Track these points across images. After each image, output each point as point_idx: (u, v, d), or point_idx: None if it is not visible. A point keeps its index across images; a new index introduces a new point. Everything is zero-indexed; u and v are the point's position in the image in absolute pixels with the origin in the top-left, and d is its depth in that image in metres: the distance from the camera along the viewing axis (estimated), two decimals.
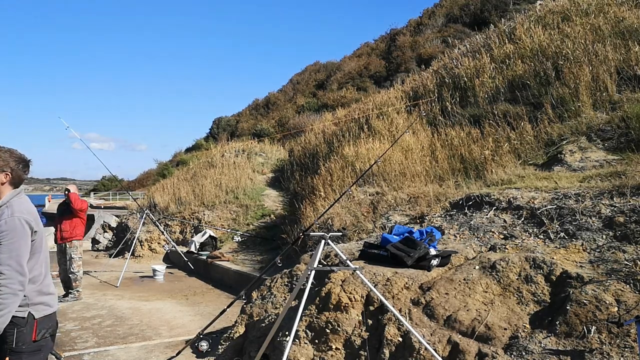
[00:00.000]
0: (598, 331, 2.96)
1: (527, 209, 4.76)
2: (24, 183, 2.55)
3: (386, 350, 3.41)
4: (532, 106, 7.66)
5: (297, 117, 23.79)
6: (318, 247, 3.39)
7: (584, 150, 6.05)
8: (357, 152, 9.05)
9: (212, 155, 17.27)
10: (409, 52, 26.23)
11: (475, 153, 7.21)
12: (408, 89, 11.59)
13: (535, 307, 3.41)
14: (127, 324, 6.19)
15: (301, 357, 3.70)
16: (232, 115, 37.45)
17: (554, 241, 4.16)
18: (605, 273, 3.43)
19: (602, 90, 6.95)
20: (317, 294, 3.95)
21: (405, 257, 4.12)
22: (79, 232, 7.45)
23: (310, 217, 7.77)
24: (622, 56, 7.30)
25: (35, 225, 2.41)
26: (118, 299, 7.59)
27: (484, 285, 3.67)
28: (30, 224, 2.37)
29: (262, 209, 12.46)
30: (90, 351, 5.12)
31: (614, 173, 4.99)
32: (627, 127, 5.92)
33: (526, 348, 3.02)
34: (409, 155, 7.94)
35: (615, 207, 4.20)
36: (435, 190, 6.29)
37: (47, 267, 2.56)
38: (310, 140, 13.59)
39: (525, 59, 8.73)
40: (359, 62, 30.39)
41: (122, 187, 33.78)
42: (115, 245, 13.07)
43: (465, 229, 4.96)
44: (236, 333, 4.75)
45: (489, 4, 24.10)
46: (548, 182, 5.32)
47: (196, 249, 10.67)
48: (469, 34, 19.04)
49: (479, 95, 8.78)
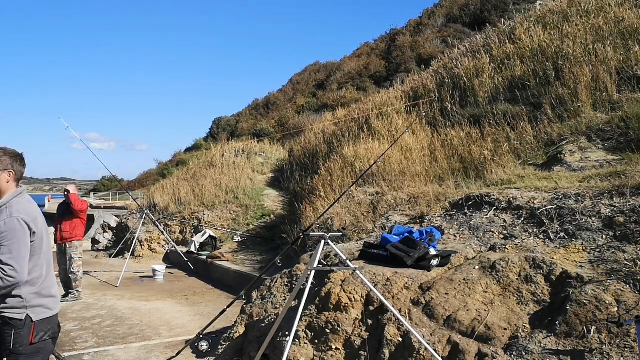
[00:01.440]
0: (598, 331, 2.96)
1: (527, 209, 4.76)
2: (25, 183, 2.57)
3: (386, 351, 3.41)
4: (532, 106, 7.66)
5: (297, 117, 23.81)
6: (318, 247, 3.39)
7: (583, 150, 6.06)
8: (356, 152, 9.04)
9: (212, 155, 17.26)
10: (409, 52, 26.25)
11: (475, 153, 7.21)
12: (408, 89, 11.58)
13: (535, 307, 3.41)
14: (127, 324, 6.19)
15: (301, 357, 3.70)
16: (232, 115, 37.49)
17: (554, 241, 4.16)
18: (605, 273, 3.43)
19: (602, 90, 6.95)
20: (317, 294, 3.95)
21: (405, 257, 4.12)
22: (79, 232, 7.46)
23: (310, 217, 7.76)
24: (622, 56, 7.30)
25: (34, 226, 2.41)
26: (118, 299, 7.59)
27: (484, 285, 3.67)
28: (29, 224, 2.37)
29: (262, 209, 12.46)
30: (90, 351, 5.12)
31: (614, 173, 4.99)
32: (627, 127, 5.92)
33: (526, 348, 3.02)
34: (408, 155, 7.94)
35: (615, 207, 4.20)
36: (435, 190, 6.29)
37: (48, 269, 2.55)
38: (310, 140, 13.57)
39: (525, 59, 8.72)
40: (359, 62, 30.41)
41: (122, 187, 33.78)
42: (115, 245, 13.07)
43: (465, 229, 4.96)
44: (236, 333, 4.75)
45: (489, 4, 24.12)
46: (548, 182, 5.32)
47: (196, 249, 10.67)
48: (468, 34, 19.04)
49: (479, 95, 8.78)
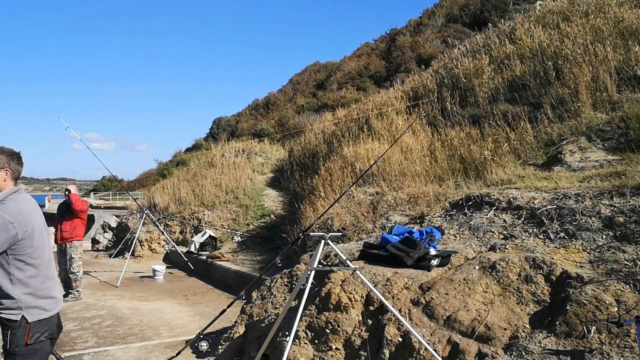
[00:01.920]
0: (598, 331, 2.96)
1: (527, 209, 4.76)
2: (25, 183, 2.54)
3: (386, 351, 3.41)
4: (532, 106, 7.66)
5: (297, 117, 23.80)
6: (318, 247, 3.39)
7: (583, 151, 6.06)
8: (356, 152, 9.05)
9: (212, 155, 17.26)
10: (409, 52, 26.24)
11: (475, 153, 7.21)
12: (408, 89, 11.58)
13: (535, 307, 3.41)
14: (127, 324, 6.19)
15: (301, 357, 3.70)
16: (232, 115, 37.47)
17: (554, 241, 4.16)
18: (605, 273, 3.43)
19: (602, 90, 6.96)
20: (317, 294, 3.94)
21: (405, 257, 4.12)
22: (79, 232, 7.46)
23: (310, 217, 7.76)
24: (622, 56, 7.30)
25: (19, 227, 2.34)
26: (118, 299, 7.59)
27: (484, 286, 3.67)
28: (13, 224, 2.32)
29: (262, 209, 12.46)
30: (90, 351, 5.12)
31: (614, 173, 4.99)
32: (627, 127, 5.92)
33: (526, 348, 3.02)
34: (408, 155, 7.94)
35: (615, 207, 4.20)
36: (435, 190, 6.29)
37: (47, 269, 2.51)
38: (310, 140, 13.57)
39: (525, 59, 8.73)
40: (359, 62, 30.40)
41: (122, 187, 33.78)
42: (115, 245, 13.07)
43: (465, 229, 4.96)
44: (236, 333, 4.75)
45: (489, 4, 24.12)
46: (548, 182, 5.32)
47: (196, 249, 10.67)
48: (469, 34, 19.04)
49: (479, 95, 8.78)
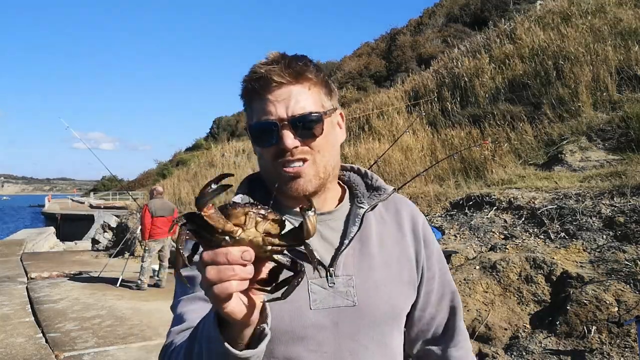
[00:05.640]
0: (598, 331, 2.96)
1: (528, 209, 4.76)
2: (25, 183, 2.53)
3: None
4: (532, 106, 7.66)
5: None
6: None
7: (584, 150, 6.06)
8: (357, 152, 9.05)
9: (213, 155, 17.25)
10: (409, 52, 26.22)
11: (475, 153, 7.21)
12: (408, 89, 11.59)
13: (536, 307, 3.41)
14: (127, 324, 6.18)
15: None
16: (232, 115, 37.47)
17: (554, 241, 4.16)
18: (606, 273, 3.43)
19: (602, 90, 6.96)
20: None
21: None
22: None
23: None
24: (622, 56, 7.30)
25: None
26: (118, 299, 7.59)
27: (485, 285, 3.67)
28: None
29: None
30: (90, 351, 5.12)
31: (614, 173, 4.99)
32: (627, 127, 5.92)
33: (526, 348, 3.02)
34: (409, 155, 7.94)
35: (615, 207, 4.20)
36: (436, 190, 6.29)
37: None
38: None
39: (525, 59, 8.73)
40: (359, 61, 30.38)
41: (122, 187, 33.79)
42: (115, 245, 13.06)
43: (466, 229, 4.96)
44: None
45: (489, 3, 24.11)
46: (548, 182, 5.32)
47: None
48: (469, 34, 19.03)
49: (479, 95, 8.78)
